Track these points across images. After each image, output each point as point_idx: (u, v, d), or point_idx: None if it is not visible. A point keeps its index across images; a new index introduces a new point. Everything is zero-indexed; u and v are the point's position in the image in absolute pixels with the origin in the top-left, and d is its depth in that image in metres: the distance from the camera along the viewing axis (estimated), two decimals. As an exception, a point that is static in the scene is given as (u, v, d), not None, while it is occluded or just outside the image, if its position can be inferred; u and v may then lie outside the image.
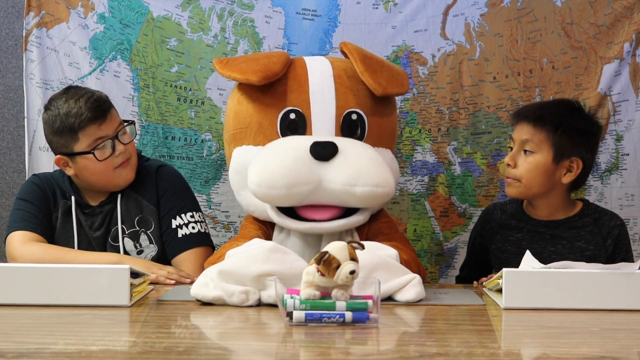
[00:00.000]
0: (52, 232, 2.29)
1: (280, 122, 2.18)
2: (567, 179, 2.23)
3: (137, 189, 2.32)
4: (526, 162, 2.22)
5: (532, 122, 2.22)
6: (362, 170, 2.03)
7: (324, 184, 2.04)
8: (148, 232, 2.29)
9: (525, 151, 2.22)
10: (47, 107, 2.27)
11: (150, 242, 2.29)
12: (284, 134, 2.17)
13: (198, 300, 1.78)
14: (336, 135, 2.17)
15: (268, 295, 1.75)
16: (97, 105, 2.21)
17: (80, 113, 2.18)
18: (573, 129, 2.21)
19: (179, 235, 2.29)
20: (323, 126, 2.16)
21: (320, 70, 2.22)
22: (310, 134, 2.16)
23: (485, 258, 2.38)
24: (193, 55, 2.80)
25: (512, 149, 2.27)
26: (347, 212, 2.10)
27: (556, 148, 2.20)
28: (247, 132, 2.22)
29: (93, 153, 2.21)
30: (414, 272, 1.89)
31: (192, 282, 1.95)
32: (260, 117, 2.20)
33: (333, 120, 2.17)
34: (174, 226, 2.30)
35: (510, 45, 2.78)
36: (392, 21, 2.80)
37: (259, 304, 1.76)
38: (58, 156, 2.26)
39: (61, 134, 2.22)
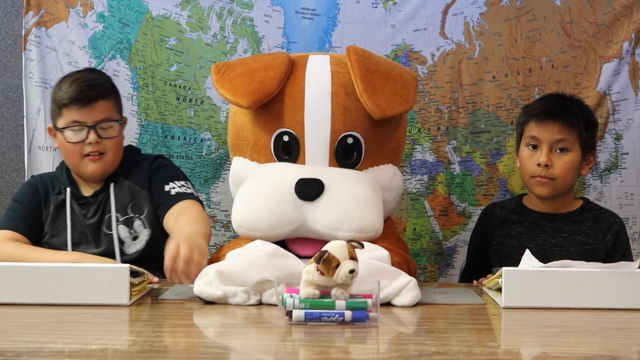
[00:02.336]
0: (38, 230, 2.31)
1: (274, 143, 2.13)
2: (585, 171, 2.32)
3: (129, 177, 2.35)
4: (562, 161, 2.23)
5: (565, 121, 2.23)
6: (346, 215, 1.97)
7: (308, 223, 1.99)
8: (142, 217, 2.31)
9: (560, 150, 2.23)
10: (62, 77, 2.35)
11: (144, 227, 2.31)
12: (278, 154, 2.13)
13: (199, 299, 1.78)
14: (330, 159, 2.11)
15: (270, 294, 1.75)
16: (84, 90, 2.25)
17: (67, 91, 2.25)
18: (593, 124, 2.30)
19: (172, 193, 2.28)
20: (316, 151, 2.10)
21: (317, 87, 2.12)
22: (304, 158, 2.11)
23: (487, 259, 2.38)
24: (192, 55, 2.80)
25: (535, 146, 2.25)
26: None
27: (584, 144, 2.25)
28: (244, 145, 2.19)
29: (62, 131, 2.26)
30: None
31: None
32: (256, 135, 2.16)
33: (327, 145, 2.10)
34: (166, 189, 2.29)
35: (510, 44, 2.78)
36: (391, 20, 2.80)
37: (260, 303, 1.77)
38: (50, 125, 2.34)
39: (53, 104, 2.30)
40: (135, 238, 2.31)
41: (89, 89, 2.26)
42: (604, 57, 2.75)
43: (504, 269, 1.78)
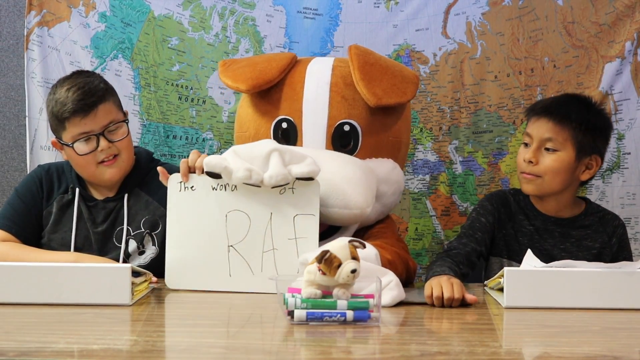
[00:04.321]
0: (34, 230, 2.26)
1: (274, 130, 2.19)
2: (585, 176, 2.22)
3: (149, 190, 2.27)
4: (549, 159, 2.18)
5: (556, 120, 2.17)
6: (332, 191, 2.00)
7: None
8: (153, 233, 2.25)
9: (548, 149, 2.19)
10: (52, 87, 2.25)
11: (153, 244, 2.25)
12: (277, 141, 2.14)
13: (209, 174, 1.92)
14: (327, 146, 2.14)
15: (270, 176, 1.85)
16: (82, 98, 2.15)
17: (65, 103, 2.16)
18: (595, 127, 2.20)
19: None
20: (313, 137, 2.15)
21: (317, 78, 2.19)
22: (301, 144, 2.15)
23: (482, 247, 2.22)
24: (194, 54, 2.80)
25: (527, 144, 2.22)
26: (331, 228, 2.07)
27: (579, 146, 2.17)
28: (246, 137, 2.23)
29: (72, 146, 2.18)
30: (398, 271, 1.89)
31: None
32: (257, 125, 2.22)
33: (324, 131, 2.15)
34: None
35: (512, 44, 2.78)
36: (393, 20, 2.80)
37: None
38: (54, 139, 2.26)
39: (53, 118, 2.21)
40: (142, 253, 2.26)
41: (87, 96, 2.17)
42: (606, 57, 2.75)
43: (505, 268, 1.78)
